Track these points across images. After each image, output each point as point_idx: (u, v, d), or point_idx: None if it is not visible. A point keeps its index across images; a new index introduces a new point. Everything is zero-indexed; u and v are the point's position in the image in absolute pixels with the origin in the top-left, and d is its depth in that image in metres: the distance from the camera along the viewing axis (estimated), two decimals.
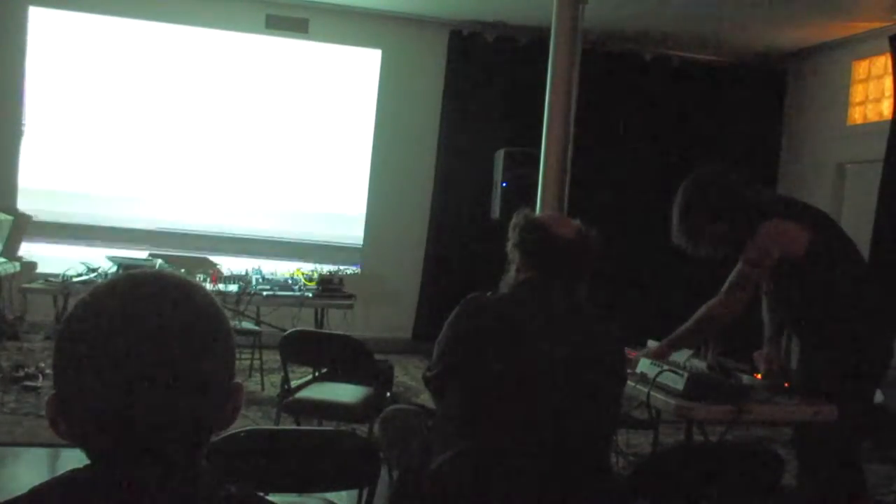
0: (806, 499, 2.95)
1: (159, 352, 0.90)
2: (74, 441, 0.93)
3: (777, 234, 2.85)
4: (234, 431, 1.91)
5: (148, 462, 0.91)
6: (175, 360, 0.91)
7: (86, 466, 0.93)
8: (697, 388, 2.64)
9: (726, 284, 2.90)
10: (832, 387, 2.81)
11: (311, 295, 5.16)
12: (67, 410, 0.92)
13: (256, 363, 5.56)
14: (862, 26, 6.33)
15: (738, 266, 2.89)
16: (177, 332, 0.92)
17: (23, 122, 6.63)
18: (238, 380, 1.00)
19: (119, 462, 0.91)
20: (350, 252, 7.18)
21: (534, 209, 4.51)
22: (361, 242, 7.25)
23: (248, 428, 2.10)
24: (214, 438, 0.99)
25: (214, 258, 5.54)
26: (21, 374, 5.06)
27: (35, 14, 6.59)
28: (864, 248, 5.52)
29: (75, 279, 4.73)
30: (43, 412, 4.34)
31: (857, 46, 6.63)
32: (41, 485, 0.92)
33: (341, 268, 5.88)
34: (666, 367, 2.76)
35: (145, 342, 0.90)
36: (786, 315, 3.13)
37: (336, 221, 7.25)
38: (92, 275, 4.83)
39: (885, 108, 6.29)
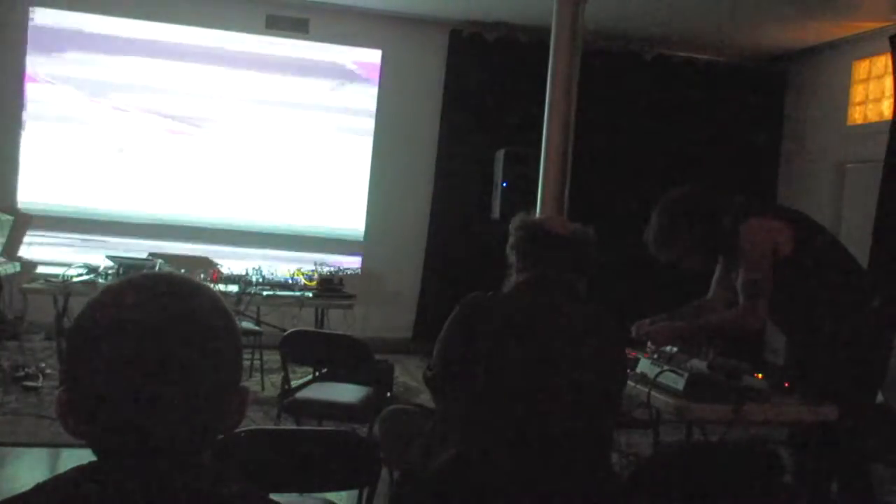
0: (809, 499, 2.95)
1: (168, 353, 0.91)
2: (82, 438, 0.94)
3: (759, 230, 2.87)
4: (234, 431, 1.91)
5: (154, 460, 0.92)
6: (183, 361, 0.92)
7: (91, 463, 0.94)
8: (697, 388, 2.64)
9: (743, 297, 2.88)
10: (835, 387, 2.80)
11: (311, 295, 5.16)
12: (76, 408, 0.93)
13: (256, 363, 5.56)
14: (862, 26, 6.33)
15: (745, 277, 2.88)
16: (185, 333, 0.93)
17: (23, 121, 6.63)
18: (244, 383, 1.00)
19: (125, 460, 0.92)
20: (350, 244, 7.18)
21: (534, 209, 4.51)
22: (361, 242, 7.25)
23: (248, 428, 2.09)
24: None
25: (214, 258, 5.54)
26: (21, 374, 5.06)
27: (36, 13, 6.59)
28: (865, 248, 5.52)
29: (75, 279, 4.73)
30: (43, 412, 4.37)
31: (857, 46, 6.63)
32: (46, 481, 0.92)
33: (341, 268, 5.88)
34: (666, 367, 2.76)
35: (154, 343, 0.91)
36: (780, 316, 3.11)
37: (336, 222, 7.23)
38: (92, 275, 4.83)
39: (885, 108, 6.28)
